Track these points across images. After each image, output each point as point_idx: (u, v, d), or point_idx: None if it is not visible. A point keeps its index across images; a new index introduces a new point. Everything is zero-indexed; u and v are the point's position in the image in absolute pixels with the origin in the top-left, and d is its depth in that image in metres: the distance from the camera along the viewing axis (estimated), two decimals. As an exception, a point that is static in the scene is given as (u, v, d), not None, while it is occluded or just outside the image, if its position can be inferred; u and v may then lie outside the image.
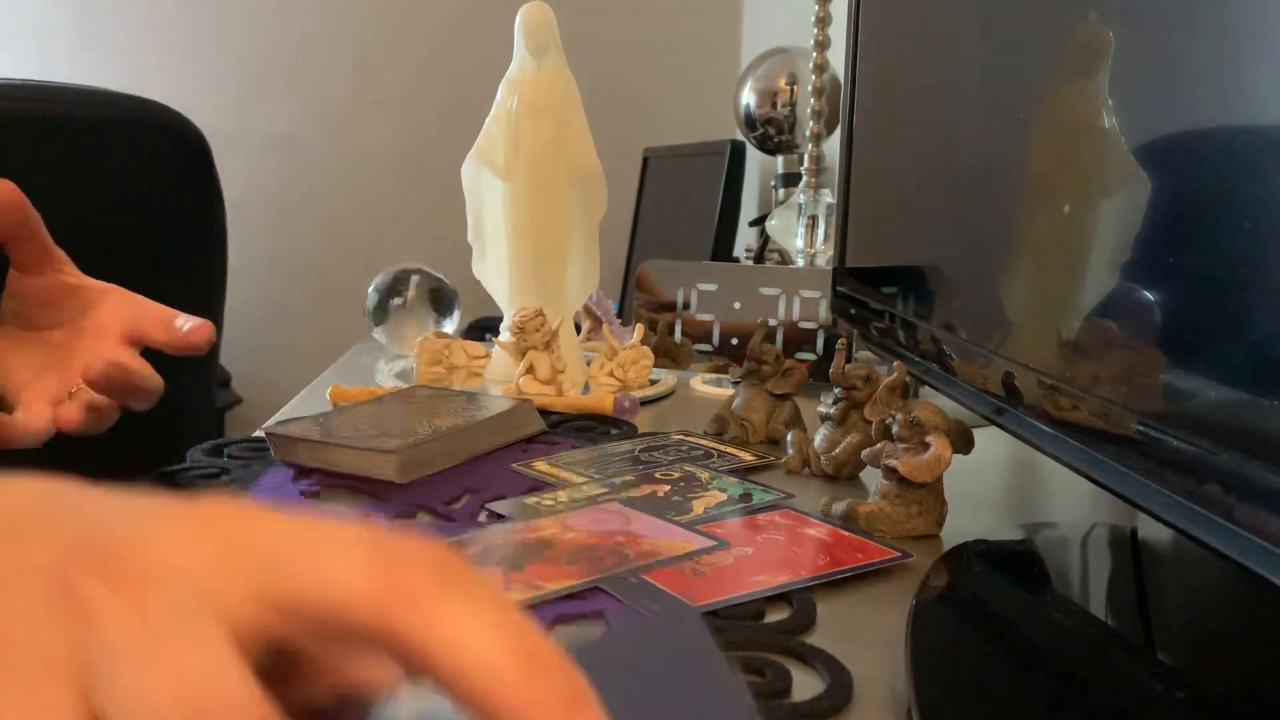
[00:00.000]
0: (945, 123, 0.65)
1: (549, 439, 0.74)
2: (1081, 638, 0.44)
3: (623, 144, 1.76)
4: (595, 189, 0.92)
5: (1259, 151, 0.34)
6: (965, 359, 0.58)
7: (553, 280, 0.91)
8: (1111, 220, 0.44)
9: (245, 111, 2.32)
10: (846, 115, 0.81)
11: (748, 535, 0.53)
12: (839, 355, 0.66)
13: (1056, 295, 0.49)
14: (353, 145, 2.36)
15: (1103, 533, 0.58)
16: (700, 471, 0.64)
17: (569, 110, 0.90)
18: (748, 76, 1.58)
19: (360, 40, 2.34)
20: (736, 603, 0.45)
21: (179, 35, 2.30)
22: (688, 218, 1.69)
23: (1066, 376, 0.46)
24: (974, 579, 0.50)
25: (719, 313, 1.07)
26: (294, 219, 2.34)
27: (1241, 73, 0.35)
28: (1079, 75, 0.47)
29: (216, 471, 0.63)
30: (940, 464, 0.55)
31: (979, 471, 0.67)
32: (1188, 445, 0.35)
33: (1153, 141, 0.41)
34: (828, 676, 0.39)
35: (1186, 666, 0.44)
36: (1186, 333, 0.38)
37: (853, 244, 0.81)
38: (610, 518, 0.55)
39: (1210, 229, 0.36)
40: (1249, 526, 0.32)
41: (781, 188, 1.58)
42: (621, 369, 0.92)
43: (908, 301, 0.69)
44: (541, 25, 0.88)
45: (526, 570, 0.48)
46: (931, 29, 0.69)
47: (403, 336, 1.06)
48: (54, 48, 2.27)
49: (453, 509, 0.59)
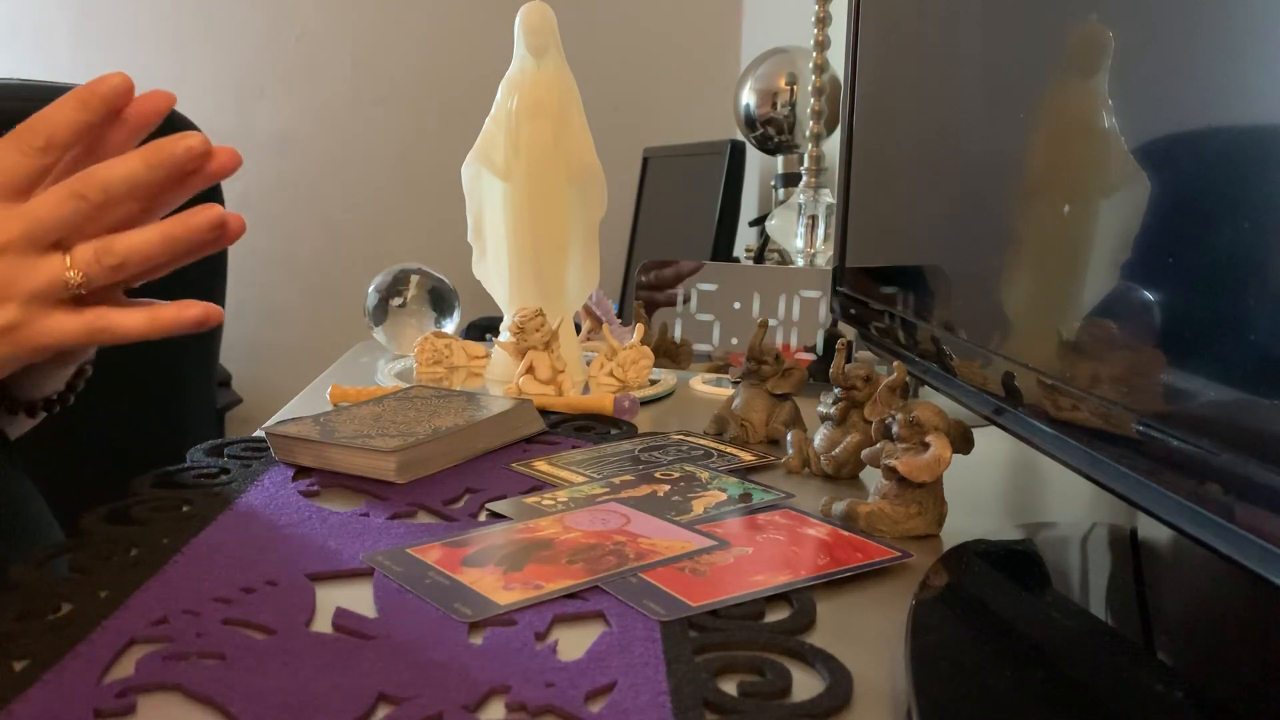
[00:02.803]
0: (945, 123, 0.65)
1: (549, 439, 0.74)
2: (1081, 638, 0.44)
3: (623, 144, 1.76)
4: (595, 189, 0.92)
5: (1259, 151, 0.34)
6: (965, 359, 0.58)
7: (553, 280, 0.91)
8: (1111, 220, 0.44)
9: (245, 111, 2.32)
10: (846, 115, 0.81)
11: (748, 535, 0.53)
12: (839, 355, 0.66)
13: (1056, 295, 0.49)
14: (353, 145, 2.36)
15: (1103, 533, 0.59)
16: (700, 471, 0.64)
17: (569, 110, 0.90)
18: (748, 76, 1.58)
19: (360, 40, 2.34)
20: (736, 603, 0.45)
21: (179, 35, 2.30)
22: (688, 218, 1.69)
23: (1066, 376, 0.46)
24: (974, 579, 0.50)
25: (719, 313, 1.07)
26: (294, 219, 2.34)
27: (1241, 73, 0.35)
28: (1079, 75, 0.47)
29: (216, 471, 0.63)
30: (940, 464, 0.55)
31: (979, 471, 0.67)
32: (1188, 445, 0.35)
33: (1153, 141, 0.41)
34: (828, 676, 0.39)
35: (1186, 666, 0.44)
36: (1186, 333, 0.38)
37: (853, 244, 0.81)
38: (610, 517, 0.55)
39: (1210, 229, 0.36)
40: (1249, 526, 0.32)
41: (781, 188, 1.58)
42: (621, 369, 0.92)
43: (908, 301, 0.69)
44: (541, 25, 0.88)
45: (526, 570, 0.48)
46: (931, 29, 0.69)
47: (403, 336, 1.06)
48: (54, 47, 2.27)
49: (453, 509, 0.59)
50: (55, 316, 0.53)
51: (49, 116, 0.53)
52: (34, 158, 0.52)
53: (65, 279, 0.52)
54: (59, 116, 0.53)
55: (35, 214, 0.52)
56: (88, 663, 0.39)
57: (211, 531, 0.53)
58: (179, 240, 0.54)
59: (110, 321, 0.54)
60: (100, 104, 0.53)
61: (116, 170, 0.52)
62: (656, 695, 0.37)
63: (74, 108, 0.53)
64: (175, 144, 0.53)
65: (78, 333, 0.53)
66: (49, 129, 0.52)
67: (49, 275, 0.52)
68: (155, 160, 0.53)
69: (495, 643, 0.41)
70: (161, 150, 0.53)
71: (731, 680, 0.39)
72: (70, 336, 0.53)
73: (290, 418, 0.70)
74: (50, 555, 0.49)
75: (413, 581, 0.47)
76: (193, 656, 0.39)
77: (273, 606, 0.44)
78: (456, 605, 0.44)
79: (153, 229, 0.54)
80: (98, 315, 0.54)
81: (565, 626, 0.43)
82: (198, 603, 0.44)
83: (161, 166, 0.53)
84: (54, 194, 0.52)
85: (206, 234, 0.54)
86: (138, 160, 0.53)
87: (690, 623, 0.43)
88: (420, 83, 2.34)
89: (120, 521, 0.54)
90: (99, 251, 0.53)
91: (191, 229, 0.54)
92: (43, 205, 0.52)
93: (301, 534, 0.53)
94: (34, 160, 0.52)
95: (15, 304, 0.52)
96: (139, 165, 0.53)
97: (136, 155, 0.53)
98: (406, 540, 0.52)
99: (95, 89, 0.53)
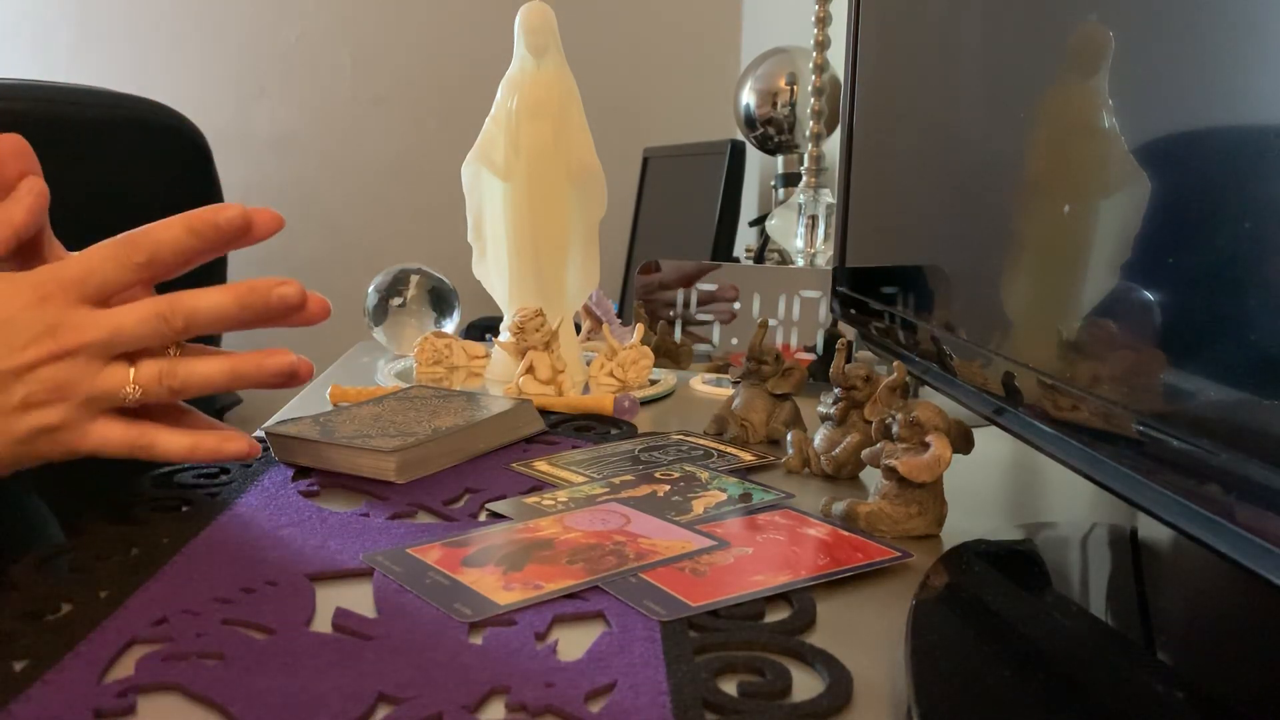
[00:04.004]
0: (945, 122, 0.65)
1: (549, 439, 0.74)
2: (1081, 638, 0.44)
3: (623, 144, 1.76)
4: (595, 189, 0.92)
5: (1259, 151, 0.34)
6: (965, 359, 0.58)
7: (553, 280, 0.91)
8: (1111, 220, 0.44)
9: (245, 111, 2.31)
10: (846, 115, 0.81)
11: (748, 535, 0.53)
12: (839, 355, 0.66)
13: (1056, 295, 0.49)
14: (353, 145, 2.36)
15: (1103, 533, 0.59)
16: (700, 471, 0.64)
17: (569, 110, 0.90)
18: (748, 76, 1.58)
19: (360, 40, 2.34)
20: (736, 603, 0.45)
21: (179, 35, 2.30)
22: (688, 218, 1.69)
23: (1066, 376, 0.46)
24: (974, 579, 0.50)
25: (719, 313, 1.07)
26: (294, 219, 2.33)
27: (1241, 73, 0.35)
28: (1079, 75, 0.47)
29: (216, 471, 0.63)
30: (940, 464, 0.55)
31: (979, 471, 0.67)
32: (1188, 445, 0.35)
33: (1153, 141, 0.41)
34: (828, 676, 0.39)
35: (1186, 666, 0.44)
36: (1186, 333, 0.38)
37: (853, 244, 0.81)
38: (610, 517, 0.55)
39: (1210, 229, 0.36)
40: (1249, 526, 0.32)
41: (781, 188, 1.58)
42: (621, 369, 0.92)
43: (908, 301, 0.69)
44: (541, 25, 0.88)
45: (526, 570, 0.48)
46: (932, 29, 0.69)
47: (403, 336, 1.06)
48: (54, 47, 2.27)
49: (453, 509, 0.59)
50: (100, 423, 0.52)
51: (156, 234, 0.52)
52: (131, 273, 0.52)
53: (124, 393, 0.52)
54: (166, 236, 0.52)
55: (118, 324, 0.51)
56: (88, 663, 0.39)
57: (211, 531, 0.53)
58: (246, 379, 0.54)
59: (153, 441, 0.54)
60: (214, 234, 0.53)
61: (204, 301, 0.52)
62: (656, 695, 0.37)
63: (184, 231, 0.52)
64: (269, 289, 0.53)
65: (120, 446, 0.53)
66: (153, 247, 0.52)
67: (110, 384, 0.52)
68: (248, 300, 0.53)
69: (495, 643, 0.41)
70: (256, 291, 0.53)
71: (731, 680, 0.39)
72: (111, 448, 0.53)
73: (290, 418, 0.70)
74: (50, 555, 0.49)
75: (413, 581, 0.47)
76: (193, 656, 0.39)
77: (273, 606, 0.44)
78: (456, 605, 0.44)
79: (222, 361, 0.54)
80: (142, 433, 0.53)
81: (565, 626, 0.43)
82: (198, 603, 0.44)
83: (251, 308, 0.53)
84: (140, 310, 0.51)
85: (275, 377, 0.54)
86: (229, 297, 0.52)
87: (690, 623, 0.43)
88: (420, 83, 2.34)
89: (120, 521, 0.54)
90: (164, 374, 0.52)
91: (264, 373, 0.54)
92: (128, 318, 0.51)
93: (301, 534, 0.53)
94: (130, 275, 0.52)
95: (69, 405, 0.51)
96: (229, 301, 0.52)
97: (228, 293, 0.53)
98: (406, 540, 0.52)
99: (211, 219, 0.53)
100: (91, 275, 0.51)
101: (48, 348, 0.50)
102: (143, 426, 0.54)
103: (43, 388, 0.50)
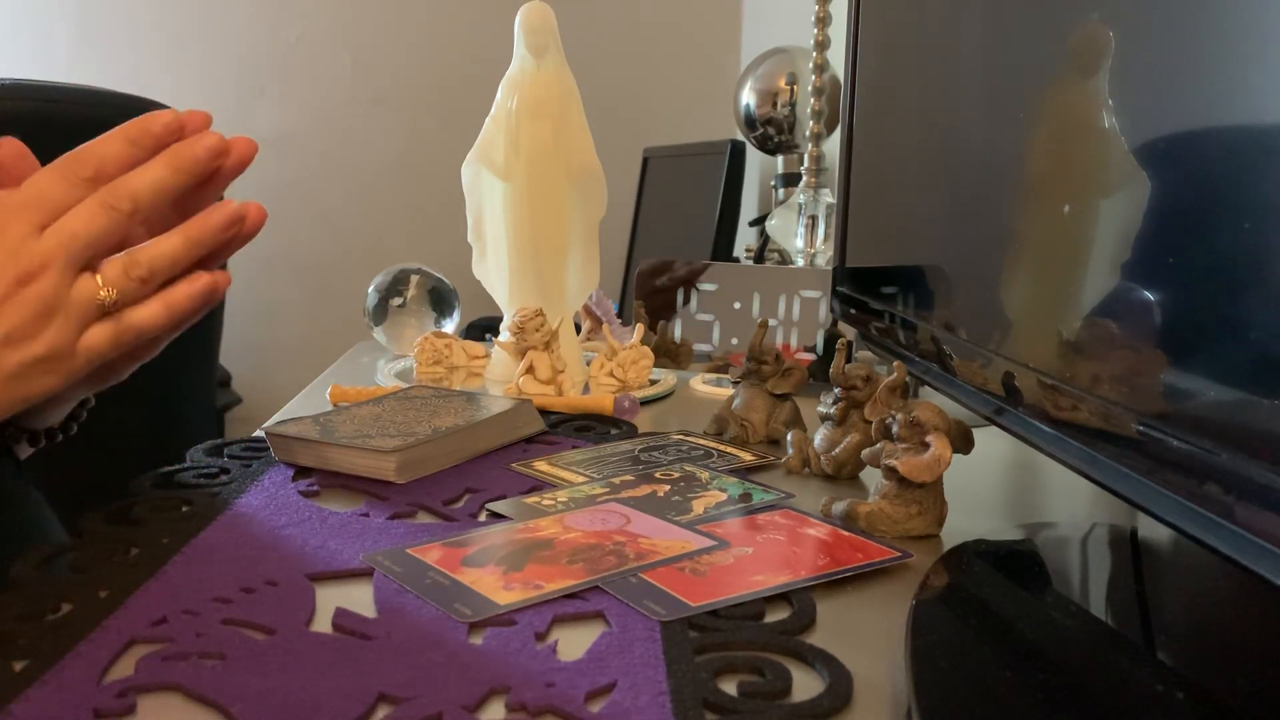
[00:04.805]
0: (945, 122, 0.65)
1: (549, 439, 0.74)
2: (1081, 638, 0.44)
3: (623, 144, 1.76)
4: (595, 189, 0.92)
5: (1259, 152, 0.34)
6: (965, 359, 0.58)
7: (553, 280, 0.91)
8: (1111, 220, 0.44)
9: (245, 111, 2.31)
10: (846, 115, 0.81)
11: (748, 535, 0.53)
12: (839, 355, 0.66)
13: (1056, 295, 0.49)
14: (352, 145, 2.36)
15: (1103, 533, 0.59)
16: (700, 471, 0.64)
17: (569, 110, 0.90)
18: (748, 76, 1.58)
19: (360, 40, 2.34)
20: (736, 603, 0.45)
21: (179, 35, 2.30)
22: (688, 218, 1.69)
23: (1066, 376, 0.46)
24: (974, 579, 0.50)
25: (719, 313, 1.07)
26: (294, 219, 2.34)
27: (1241, 73, 0.35)
28: (1079, 75, 0.47)
29: (216, 471, 0.63)
30: (940, 464, 0.55)
31: (979, 471, 0.67)
32: (1188, 445, 0.35)
33: (1153, 141, 0.41)
34: (828, 676, 0.39)
35: (1186, 666, 0.44)
36: (1186, 333, 0.38)
37: (853, 244, 0.81)
38: (610, 518, 0.55)
39: (1210, 229, 0.36)
40: (1249, 526, 0.32)
41: (781, 188, 1.58)
42: (621, 369, 0.92)
43: (907, 301, 0.69)
44: (541, 25, 0.88)
45: (526, 570, 0.48)
46: (932, 29, 0.69)
47: (403, 336, 1.06)
48: (54, 47, 2.27)
49: (453, 509, 0.59)
50: (87, 336, 0.52)
51: (98, 149, 0.52)
52: (81, 188, 0.51)
53: (100, 299, 0.51)
54: (109, 150, 0.52)
55: (70, 229, 0.50)
56: (88, 663, 0.39)
57: (211, 531, 0.53)
58: (201, 241, 0.53)
59: (132, 320, 0.53)
60: (151, 141, 0.52)
61: (142, 178, 0.52)
62: (656, 695, 0.37)
63: (123, 141, 0.52)
64: (195, 145, 0.53)
65: (108, 346, 0.52)
66: (98, 161, 0.51)
67: (83, 296, 0.51)
68: (178, 164, 0.52)
69: (495, 643, 0.41)
70: (183, 154, 0.52)
71: (731, 680, 0.39)
72: (103, 350, 0.52)
73: (290, 418, 0.70)
74: (50, 555, 0.49)
75: (413, 581, 0.47)
76: (193, 657, 0.39)
77: (272, 606, 0.44)
78: (456, 605, 0.44)
79: (173, 234, 0.53)
80: (118, 321, 0.53)
81: (565, 626, 0.43)
82: (198, 603, 0.44)
83: (185, 170, 0.52)
84: (85, 209, 0.51)
85: (227, 228, 0.54)
86: (161, 166, 0.52)
87: (690, 623, 0.43)
88: (420, 83, 2.34)
89: (120, 521, 0.54)
90: (126, 266, 0.52)
91: (212, 226, 0.53)
92: (76, 219, 0.51)
93: (301, 534, 0.53)
94: (80, 191, 0.51)
95: (53, 330, 0.50)
96: (164, 171, 0.52)
97: (160, 161, 0.52)
98: (406, 540, 0.52)
99: (145, 126, 0.52)
100: (43, 196, 0.50)
101: (12, 273, 0.49)
102: (116, 316, 0.53)
103: (22, 320, 0.49)
